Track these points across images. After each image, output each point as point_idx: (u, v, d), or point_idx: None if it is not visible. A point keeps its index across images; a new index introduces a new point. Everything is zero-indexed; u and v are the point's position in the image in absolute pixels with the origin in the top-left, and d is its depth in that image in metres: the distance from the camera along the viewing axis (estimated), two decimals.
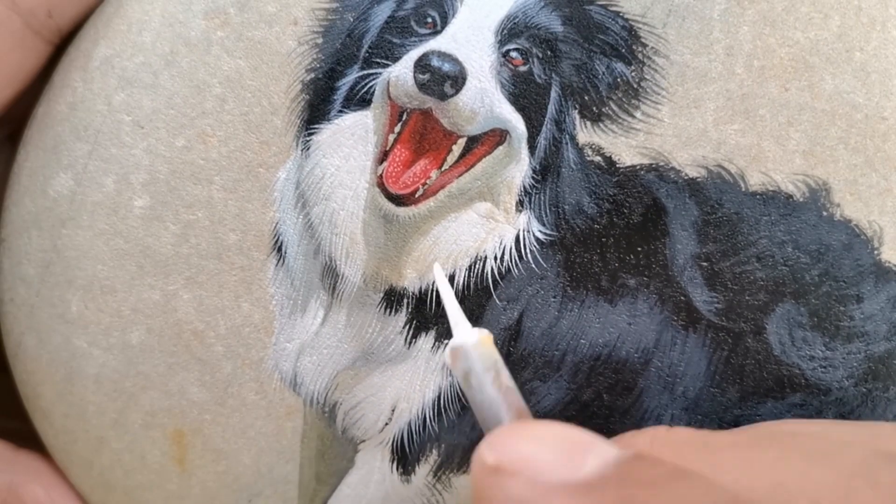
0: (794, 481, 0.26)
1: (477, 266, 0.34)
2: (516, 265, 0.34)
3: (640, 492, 0.25)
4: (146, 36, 0.35)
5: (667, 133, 0.33)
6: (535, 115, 0.34)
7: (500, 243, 0.34)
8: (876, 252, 0.33)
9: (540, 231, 0.34)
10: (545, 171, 0.34)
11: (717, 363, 0.34)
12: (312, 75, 0.34)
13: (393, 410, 0.35)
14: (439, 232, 0.34)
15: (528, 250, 0.34)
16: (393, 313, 0.35)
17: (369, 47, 0.34)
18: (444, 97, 0.33)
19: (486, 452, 0.27)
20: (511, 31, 0.33)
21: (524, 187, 0.34)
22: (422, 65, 0.33)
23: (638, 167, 0.34)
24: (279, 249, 0.35)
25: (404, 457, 0.36)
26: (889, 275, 0.34)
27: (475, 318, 0.34)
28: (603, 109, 0.33)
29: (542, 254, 0.34)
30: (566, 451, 0.26)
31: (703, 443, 0.28)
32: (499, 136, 0.34)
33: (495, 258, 0.34)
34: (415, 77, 0.33)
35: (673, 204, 0.34)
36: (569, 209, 0.34)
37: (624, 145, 0.33)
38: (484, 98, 0.33)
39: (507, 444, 0.27)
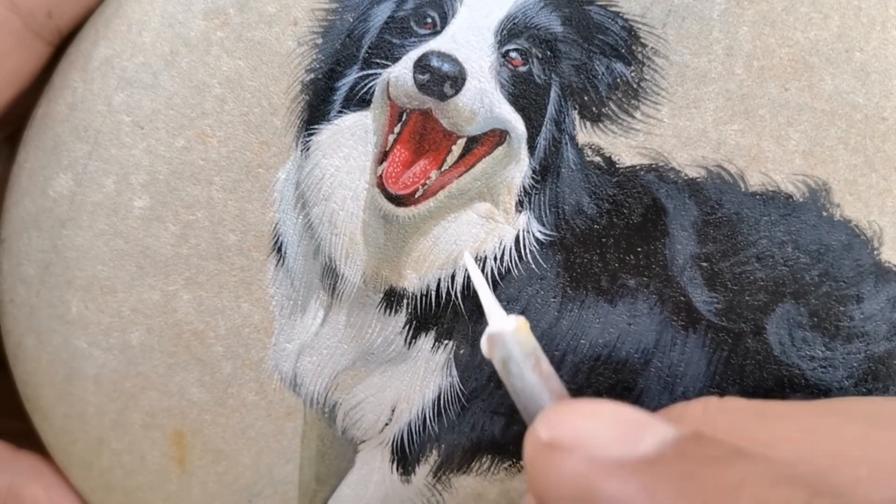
0: (853, 447, 0.25)
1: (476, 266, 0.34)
2: (516, 265, 0.34)
3: (700, 469, 0.24)
4: (146, 36, 0.35)
5: (666, 133, 0.33)
6: (535, 116, 0.34)
7: (500, 244, 0.34)
8: (876, 252, 0.33)
9: (540, 231, 0.34)
10: (545, 172, 0.34)
11: (717, 363, 0.34)
12: (312, 76, 0.34)
13: (393, 411, 0.35)
14: (439, 232, 0.34)
15: (527, 251, 0.34)
16: (393, 314, 0.35)
17: (369, 48, 0.34)
18: (443, 97, 0.33)
19: (541, 429, 0.26)
20: (511, 31, 0.33)
21: (524, 188, 0.34)
22: (421, 65, 0.33)
23: (637, 167, 0.34)
24: (279, 250, 0.35)
25: (404, 457, 0.36)
26: (889, 275, 0.34)
27: (475, 319, 0.34)
28: (602, 110, 0.33)
29: (541, 254, 0.34)
30: (623, 428, 0.26)
31: (759, 412, 0.28)
32: (498, 137, 0.34)
33: (495, 258, 0.34)
34: (414, 77, 0.33)
35: (673, 204, 0.34)
36: (568, 209, 0.34)
37: (623, 146, 0.33)
38: (483, 98, 0.33)
39: (562, 420, 0.26)
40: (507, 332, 0.29)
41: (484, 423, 0.35)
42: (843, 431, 0.26)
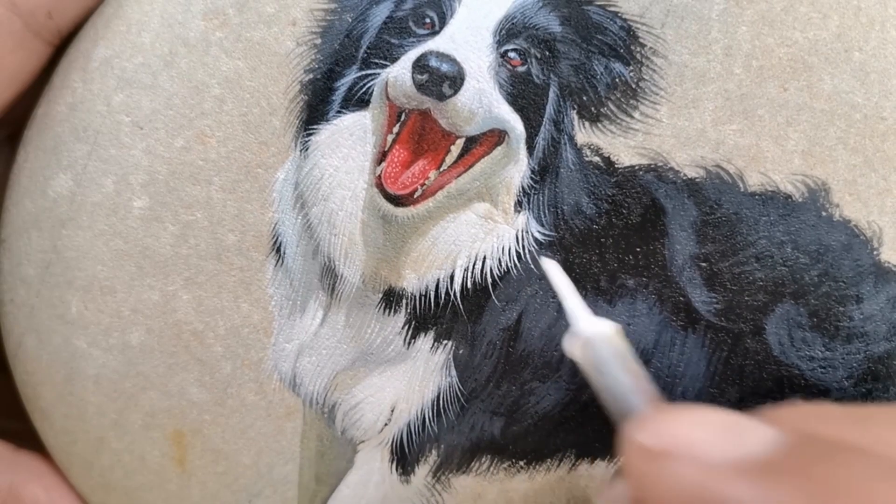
0: None
1: (475, 266, 0.34)
2: (515, 266, 0.34)
3: (815, 467, 0.24)
4: (145, 37, 0.35)
5: (665, 133, 0.33)
6: (534, 116, 0.34)
7: (499, 244, 0.34)
8: (875, 252, 0.33)
9: (538, 231, 0.34)
10: (544, 172, 0.34)
11: (716, 364, 0.34)
12: (311, 76, 0.34)
13: (392, 411, 0.35)
14: (438, 232, 0.34)
15: (526, 251, 0.34)
16: (392, 314, 0.35)
17: (368, 48, 0.34)
18: (442, 98, 0.33)
19: (643, 437, 0.26)
20: (509, 31, 0.33)
21: (523, 188, 0.34)
22: (420, 65, 0.32)
23: (636, 167, 0.33)
24: (278, 250, 0.35)
25: (404, 457, 0.36)
26: (888, 275, 0.33)
27: (474, 319, 0.34)
28: (601, 110, 0.33)
29: (540, 254, 0.34)
30: (727, 431, 0.25)
31: (855, 416, 0.27)
32: (497, 137, 0.34)
33: (494, 259, 0.34)
34: (413, 77, 0.33)
35: (672, 204, 0.33)
36: (567, 210, 0.34)
37: (622, 145, 0.33)
38: (482, 98, 0.33)
39: (665, 427, 0.26)
40: (599, 335, 0.29)
41: (483, 424, 0.35)
42: None
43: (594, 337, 0.29)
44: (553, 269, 0.32)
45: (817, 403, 0.29)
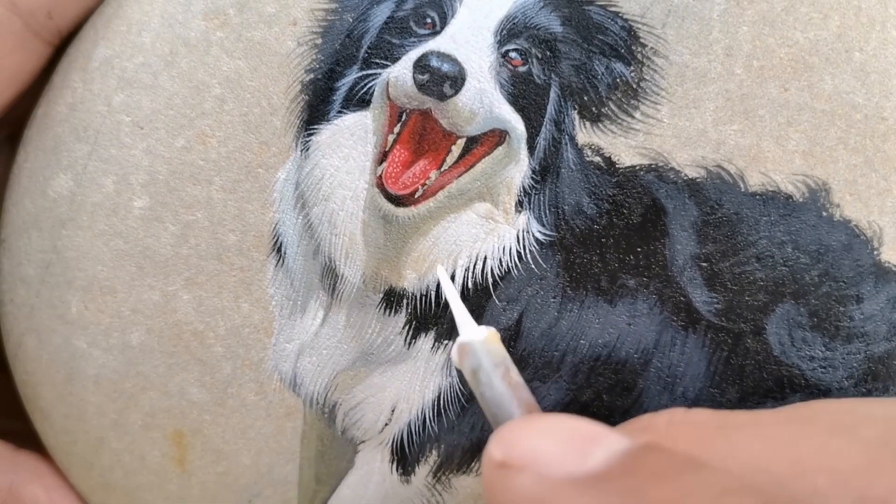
0: (813, 457, 0.25)
1: (476, 266, 0.34)
2: (516, 266, 0.34)
3: (648, 483, 0.25)
4: (146, 36, 0.35)
5: (666, 133, 0.33)
6: (535, 116, 0.34)
7: (500, 244, 0.34)
8: (876, 252, 0.33)
9: (539, 231, 0.34)
10: (544, 172, 0.34)
11: (716, 364, 0.34)
12: (312, 76, 0.34)
13: (393, 411, 0.35)
14: (439, 232, 0.34)
15: (527, 251, 0.34)
16: (392, 314, 0.35)
17: (368, 48, 0.34)
18: (443, 98, 0.33)
19: (493, 448, 0.26)
20: (510, 31, 0.33)
21: (523, 188, 0.34)
22: (421, 65, 0.33)
23: (637, 167, 0.34)
24: (279, 250, 0.35)
25: (404, 457, 0.36)
26: (889, 275, 0.34)
27: (475, 319, 0.34)
28: (602, 110, 0.33)
29: (541, 254, 0.34)
30: (573, 443, 0.26)
31: (721, 424, 0.28)
32: (498, 137, 0.34)
33: (495, 259, 0.34)
34: (414, 77, 0.33)
35: (672, 204, 0.33)
36: (568, 210, 0.34)
37: (623, 146, 0.33)
38: (483, 98, 0.33)
39: (514, 438, 0.26)
40: (477, 342, 0.29)
41: (483, 424, 0.35)
42: (804, 440, 0.26)
43: (471, 343, 0.29)
44: (443, 277, 0.32)
45: (692, 410, 0.29)
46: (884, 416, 0.27)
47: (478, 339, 0.29)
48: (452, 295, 0.32)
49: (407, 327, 0.35)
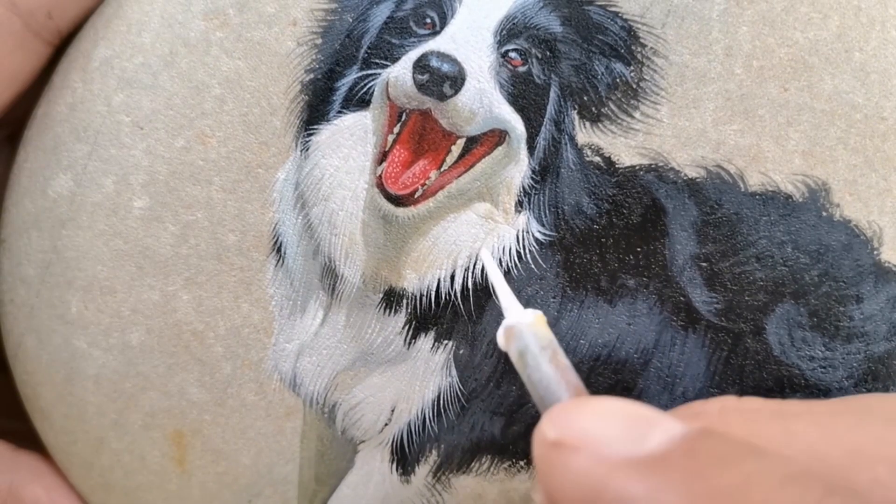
0: (871, 446, 0.25)
1: (476, 266, 0.34)
2: (515, 266, 0.34)
3: (709, 468, 0.24)
4: (145, 37, 0.35)
5: (666, 133, 0.33)
6: (534, 116, 0.34)
7: (500, 244, 0.34)
8: (875, 252, 0.33)
9: (539, 231, 0.34)
10: (544, 172, 0.34)
11: (716, 363, 0.34)
12: (311, 76, 0.34)
13: (392, 411, 0.35)
14: (438, 232, 0.34)
15: (527, 251, 0.34)
16: (392, 314, 0.35)
17: (368, 48, 0.34)
18: (443, 98, 0.33)
19: (547, 428, 0.26)
20: (510, 31, 0.33)
21: (523, 188, 0.34)
22: (421, 65, 0.32)
23: (637, 167, 0.34)
24: (278, 250, 0.35)
25: (404, 457, 0.36)
26: (889, 275, 0.34)
27: (475, 319, 0.34)
28: (602, 110, 0.33)
29: (541, 254, 0.34)
30: (630, 426, 0.25)
31: (776, 411, 0.27)
32: (498, 137, 0.34)
33: (495, 258, 0.34)
34: (414, 77, 0.33)
35: (672, 204, 0.33)
36: (568, 210, 0.34)
37: (623, 146, 0.33)
38: (483, 98, 0.33)
39: (569, 419, 0.26)
40: (524, 325, 0.29)
41: (483, 424, 0.35)
42: (862, 430, 0.26)
43: (518, 326, 0.29)
44: (488, 260, 0.32)
45: (744, 398, 0.29)
46: None
47: (525, 321, 0.29)
48: (497, 278, 0.31)
49: (407, 327, 0.35)
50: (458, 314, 0.34)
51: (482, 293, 0.34)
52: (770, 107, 0.33)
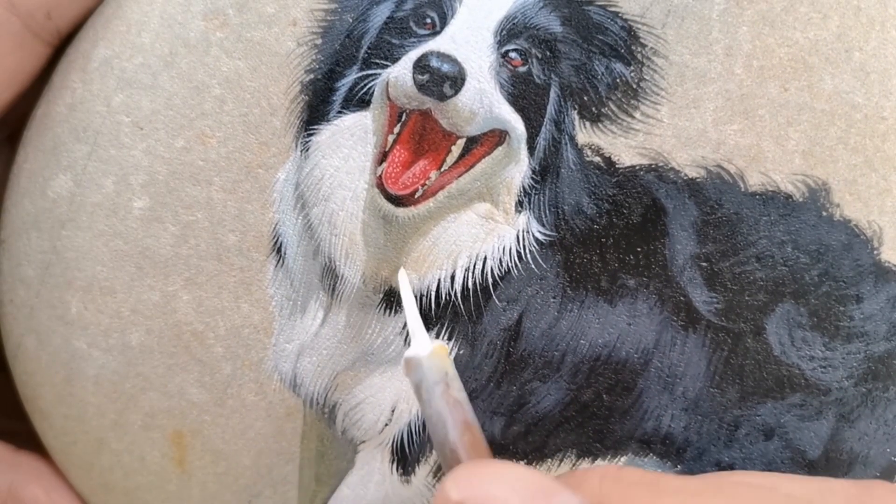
0: None
1: (476, 267, 0.34)
2: (516, 266, 0.34)
3: None
4: (145, 37, 0.35)
5: (666, 133, 0.33)
6: (535, 116, 0.34)
7: (500, 244, 0.34)
8: (875, 252, 0.33)
9: (539, 231, 0.34)
10: (544, 172, 0.34)
11: (716, 363, 0.34)
12: (311, 76, 0.34)
13: (393, 411, 0.35)
14: (439, 232, 0.34)
15: (527, 251, 0.34)
16: (392, 314, 0.35)
17: (368, 48, 0.34)
18: (443, 98, 0.33)
19: (451, 488, 0.26)
20: (510, 31, 0.33)
21: (523, 188, 0.34)
22: (421, 65, 0.32)
23: (637, 167, 0.34)
24: (278, 250, 0.35)
25: (404, 457, 0.36)
26: (889, 275, 0.34)
27: (475, 320, 0.34)
28: (602, 110, 0.33)
29: (541, 254, 0.34)
30: (532, 495, 0.26)
31: (651, 486, 0.29)
32: (498, 137, 0.34)
33: (495, 259, 0.34)
34: (414, 78, 0.33)
35: (672, 204, 0.34)
36: (568, 210, 0.34)
37: (623, 146, 0.33)
38: (483, 99, 0.33)
39: (471, 482, 0.26)
40: (422, 356, 0.29)
41: (483, 423, 0.35)
42: None
43: (415, 358, 0.29)
44: (404, 283, 0.33)
45: (623, 468, 0.31)
46: (803, 498, 0.29)
47: (423, 353, 0.29)
48: (409, 303, 0.32)
49: (407, 327, 0.35)
50: (458, 314, 0.34)
51: (482, 293, 0.34)
52: (770, 107, 0.33)
